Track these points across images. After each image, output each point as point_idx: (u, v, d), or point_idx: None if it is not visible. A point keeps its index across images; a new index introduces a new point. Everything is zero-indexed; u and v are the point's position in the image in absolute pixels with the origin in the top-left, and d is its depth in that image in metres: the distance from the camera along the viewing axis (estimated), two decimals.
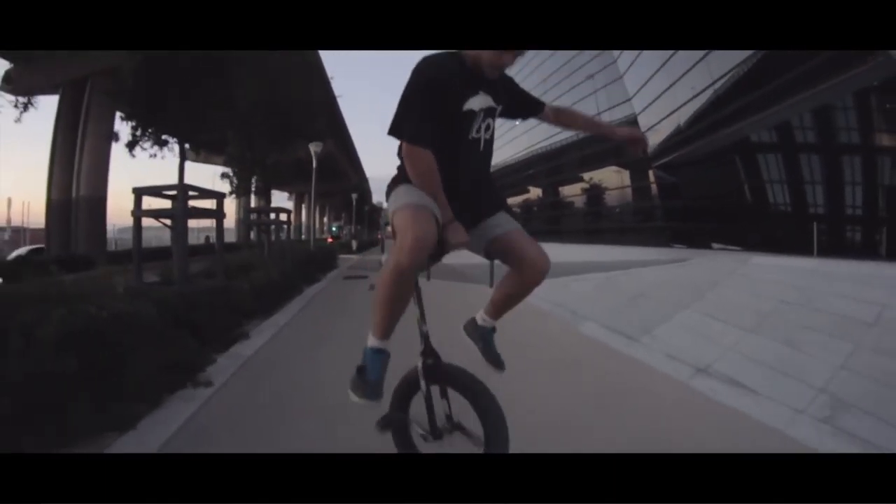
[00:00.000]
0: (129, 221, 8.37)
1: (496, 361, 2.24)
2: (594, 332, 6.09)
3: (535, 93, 2.32)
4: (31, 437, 2.62)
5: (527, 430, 2.47)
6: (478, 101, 1.97)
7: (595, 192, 34.66)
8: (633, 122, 25.74)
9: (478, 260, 2.58)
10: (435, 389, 2.08)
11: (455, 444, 2.09)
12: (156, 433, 3.08)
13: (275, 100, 15.34)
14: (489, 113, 2.03)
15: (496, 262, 2.14)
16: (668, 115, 22.92)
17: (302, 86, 17.74)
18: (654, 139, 22.52)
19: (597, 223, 33.95)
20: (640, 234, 26.79)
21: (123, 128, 11.40)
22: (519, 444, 1.96)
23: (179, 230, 8.42)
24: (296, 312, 7.81)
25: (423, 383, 2.07)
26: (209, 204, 9.12)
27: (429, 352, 2.07)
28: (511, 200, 43.50)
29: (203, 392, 3.85)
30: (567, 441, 3.04)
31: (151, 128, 10.75)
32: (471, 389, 1.98)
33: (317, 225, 35.56)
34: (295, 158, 22.12)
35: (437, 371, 2.06)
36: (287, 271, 10.13)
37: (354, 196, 46.30)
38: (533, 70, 41.84)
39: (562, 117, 2.32)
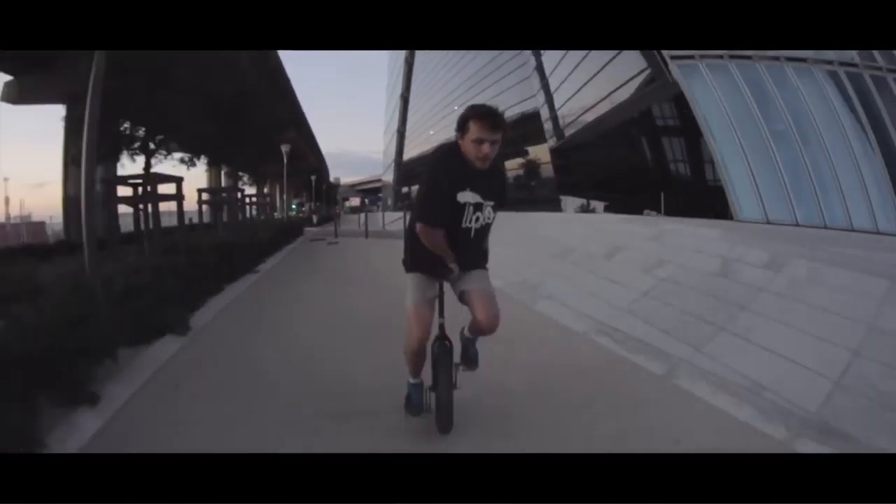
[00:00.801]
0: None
1: (469, 362, 2.90)
2: None
3: (462, 90, 6.40)
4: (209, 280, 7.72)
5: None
6: (465, 196, 2.46)
7: (531, 166, 38.80)
8: (536, 113, 31.64)
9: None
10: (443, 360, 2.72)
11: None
12: (247, 279, 8.32)
13: (242, 103, 16.62)
14: (478, 207, 2.50)
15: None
16: (559, 108, 28.70)
17: (266, 87, 20.55)
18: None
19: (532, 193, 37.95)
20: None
21: None
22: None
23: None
24: (283, 256, 12.86)
25: (434, 353, 2.70)
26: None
27: (442, 336, 2.76)
28: None
29: (253, 275, 9.02)
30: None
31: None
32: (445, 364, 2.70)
33: (283, 204, 40.03)
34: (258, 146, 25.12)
35: (444, 346, 2.74)
36: (271, 236, 14.10)
37: (314, 177, 50.74)
38: (459, 70, 47.05)
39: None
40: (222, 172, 27.50)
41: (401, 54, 69.17)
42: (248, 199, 22.92)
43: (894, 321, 3.43)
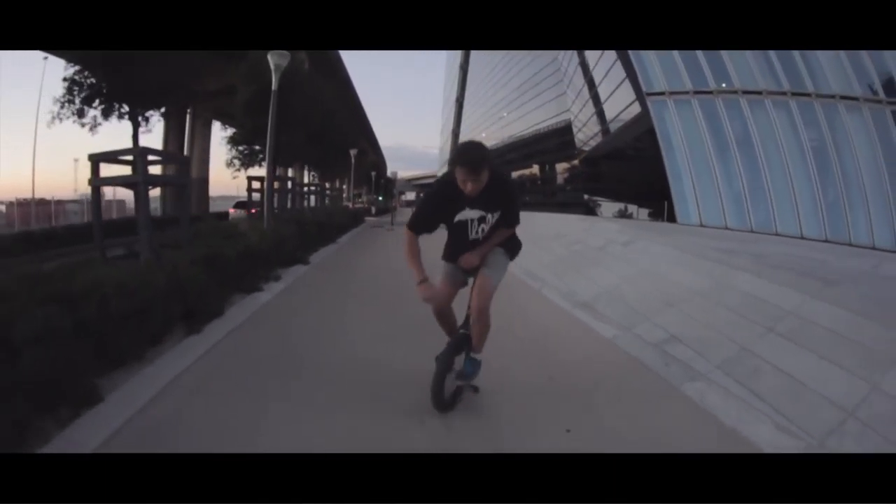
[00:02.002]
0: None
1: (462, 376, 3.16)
2: None
3: (510, 98, 11.89)
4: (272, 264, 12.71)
5: None
6: (465, 214, 2.88)
7: (548, 175, 44.31)
8: (569, 126, 35.75)
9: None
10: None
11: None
12: (333, 245, 13.26)
13: (327, 125, 21.24)
14: (481, 220, 2.92)
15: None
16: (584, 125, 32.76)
17: (342, 108, 25.76)
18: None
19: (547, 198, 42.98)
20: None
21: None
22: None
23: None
24: (352, 235, 17.50)
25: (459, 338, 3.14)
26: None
27: (465, 324, 3.14)
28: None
29: (333, 245, 13.84)
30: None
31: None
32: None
33: (349, 196, 45.73)
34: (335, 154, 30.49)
35: (466, 336, 3.15)
36: (344, 221, 18.99)
37: (374, 173, 56.33)
38: (508, 81, 51.29)
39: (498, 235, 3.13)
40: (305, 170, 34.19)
41: (457, 58, 73.26)
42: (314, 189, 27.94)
43: (669, 272, 6.35)
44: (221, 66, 16.07)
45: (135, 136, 9.57)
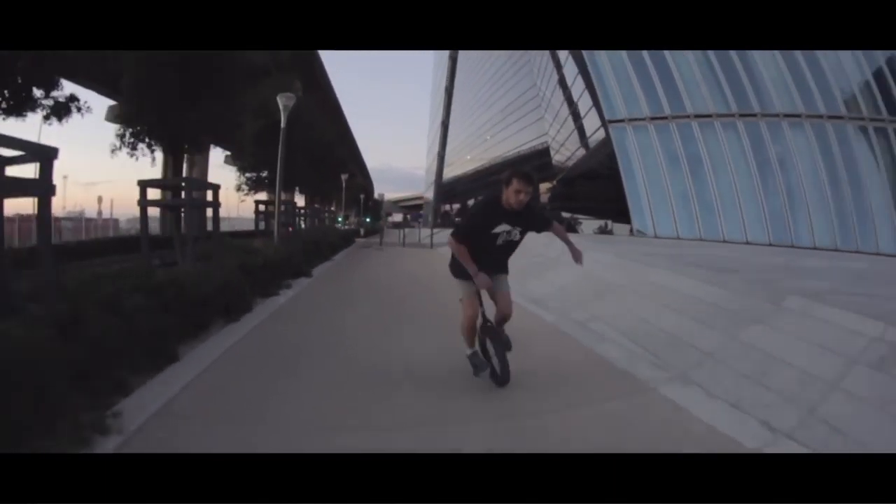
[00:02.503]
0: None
1: (506, 345, 3.87)
2: None
3: (493, 122, 13.13)
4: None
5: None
6: (500, 228, 3.64)
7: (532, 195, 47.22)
8: (547, 149, 37.73)
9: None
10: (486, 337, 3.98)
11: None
12: (331, 261, 14.56)
13: (321, 152, 22.31)
14: (508, 233, 3.69)
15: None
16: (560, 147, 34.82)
17: (327, 126, 26.17)
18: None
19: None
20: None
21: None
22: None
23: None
24: (344, 254, 18.67)
25: (480, 333, 3.92)
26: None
27: (485, 318, 3.93)
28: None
29: (329, 262, 15.14)
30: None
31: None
32: (498, 336, 3.87)
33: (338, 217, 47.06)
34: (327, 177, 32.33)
35: (487, 327, 3.97)
36: (336, 241, 20.56)
37: (362, 196, 57.96)
38: (491, 105, 53.58)
39: (557, 233, 4.03)
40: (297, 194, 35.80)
41: (442, 81, 75.41)
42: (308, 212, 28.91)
43: (603, 273, 7.66)
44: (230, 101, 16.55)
45: (176, 166, 10.34)
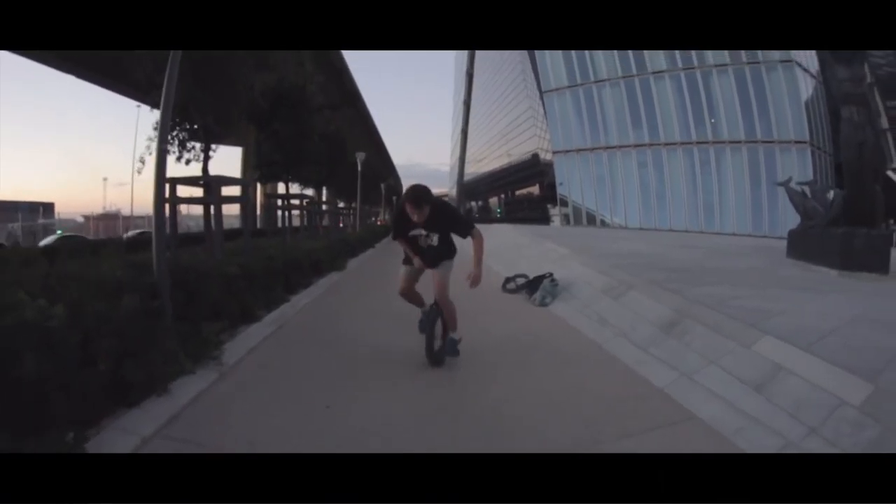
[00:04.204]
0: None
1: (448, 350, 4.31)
2: None
3: (508, 129, 21.27)
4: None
5: None
6: (415, 232, 4.06)
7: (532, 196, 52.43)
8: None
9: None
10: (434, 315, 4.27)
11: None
12: (362, 255, 18.24)
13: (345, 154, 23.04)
14: (427, 237, 4.08)
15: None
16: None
17: (364, 140, 29.71)
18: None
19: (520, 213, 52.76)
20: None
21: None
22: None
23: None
24: (375, 249, 22.49)
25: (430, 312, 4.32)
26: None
27: (434, 305, 4.27)
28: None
29: (372, 249, 19.11)
30: None
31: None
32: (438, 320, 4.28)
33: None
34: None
35: (434, 309, 4.30)
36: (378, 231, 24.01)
37: (394, 197, 61.49)
38: (507, 113, 57.11)
39: (474, 244, 4.10)
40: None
41: (461, 92, 79.60)
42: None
43: (518, 242, 12.35)
44: None
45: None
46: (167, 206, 6.73)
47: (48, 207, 38.13)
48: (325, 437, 2.92)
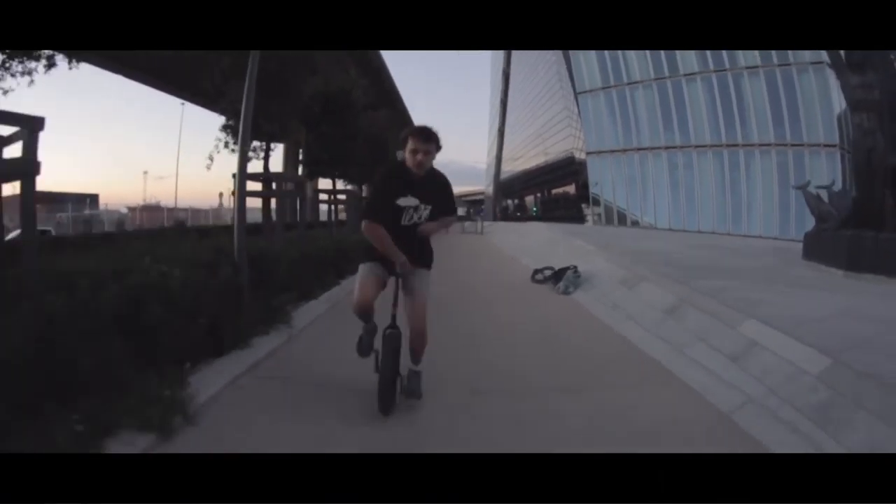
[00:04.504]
0: None
1: (409, 393, 3.20)
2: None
3: (543, 129, 24.49)
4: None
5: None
6: (405, 202, 2.96)
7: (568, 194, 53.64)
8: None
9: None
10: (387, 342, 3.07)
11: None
12: None
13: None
14: (416, 209, 3.01)
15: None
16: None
17: (387, 118, 27.12)
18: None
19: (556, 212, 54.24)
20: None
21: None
22: None
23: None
24: None
25: (384, 337, 3.11)
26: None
27: (393, 325, 3.07)
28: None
29: None
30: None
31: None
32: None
33: None
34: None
35: (392, 333, 3.09)
36: None
37: None
38: (543, 113, 57.63)
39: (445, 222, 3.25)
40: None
41: (498, 91, 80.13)
42: None
43: (554, 241, 12.89)
44: None
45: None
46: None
47: (93, 199, 38.23)
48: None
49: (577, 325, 5.85)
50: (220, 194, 39.94)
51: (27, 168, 3.88)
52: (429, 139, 3.01)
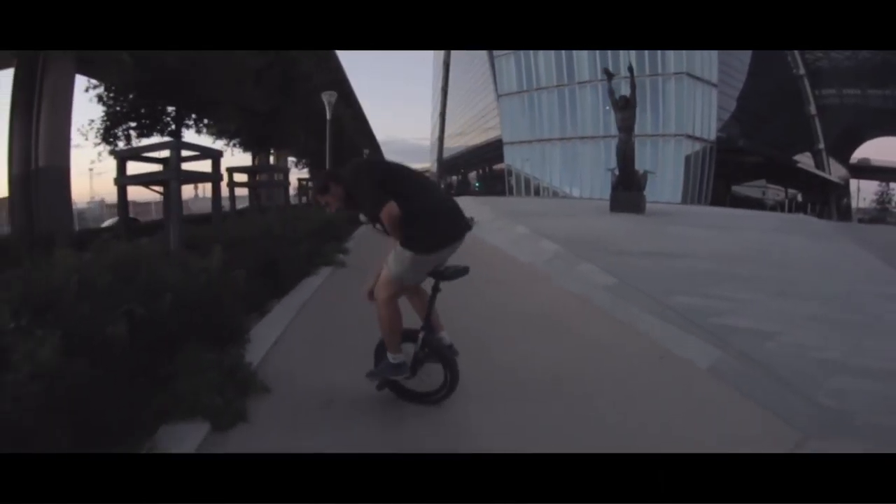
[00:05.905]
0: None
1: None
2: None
3: (488, 111, 35.82)
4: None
5: None
6: (361, 217, 3.27)
7: (497, 173, 62.51)
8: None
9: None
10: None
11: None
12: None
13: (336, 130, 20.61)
14: (366, 220, 3.04)
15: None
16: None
17: (350, 118, 31.64)
18: None
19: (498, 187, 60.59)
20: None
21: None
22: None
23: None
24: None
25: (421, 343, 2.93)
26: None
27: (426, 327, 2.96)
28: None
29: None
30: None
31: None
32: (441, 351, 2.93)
33: None
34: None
35: (431, 339, 2.93)
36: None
37: None
38: (484, 96, 62.88)
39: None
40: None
41: (439, 74, 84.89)
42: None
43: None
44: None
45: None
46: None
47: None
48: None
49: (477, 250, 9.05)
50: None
51: (214, 176, 10.06)
52: (321, 191, 2.85)
